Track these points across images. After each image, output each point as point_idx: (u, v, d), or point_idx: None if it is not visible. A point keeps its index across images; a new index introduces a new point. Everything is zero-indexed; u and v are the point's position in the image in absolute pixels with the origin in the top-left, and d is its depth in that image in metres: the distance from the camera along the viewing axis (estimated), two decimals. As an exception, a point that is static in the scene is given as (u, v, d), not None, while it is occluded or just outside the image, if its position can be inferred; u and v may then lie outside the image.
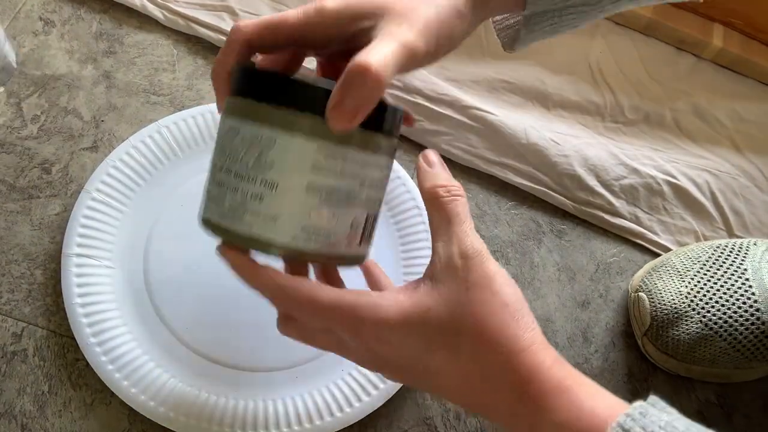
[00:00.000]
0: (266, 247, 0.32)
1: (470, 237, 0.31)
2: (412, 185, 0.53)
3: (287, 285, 0.32)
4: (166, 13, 0.58)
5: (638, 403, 0.29)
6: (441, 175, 0.33)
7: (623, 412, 0.28)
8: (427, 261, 0.50)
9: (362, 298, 0.31)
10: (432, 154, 0.34)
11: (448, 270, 0.31)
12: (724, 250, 0.52)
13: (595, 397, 0.29)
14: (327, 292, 0.31)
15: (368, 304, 0.31)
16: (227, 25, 0.58)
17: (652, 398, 0.30)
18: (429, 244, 0.51)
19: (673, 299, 0.50)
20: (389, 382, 0.46)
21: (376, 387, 0.46)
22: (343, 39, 0.33)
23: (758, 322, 0.48)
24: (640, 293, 0.51)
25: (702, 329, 0.48)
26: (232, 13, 0.58)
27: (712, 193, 0.58)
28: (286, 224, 0.31)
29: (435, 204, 0.32)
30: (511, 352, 0.30)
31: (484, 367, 0.30)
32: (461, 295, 0.30)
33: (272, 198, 0.31)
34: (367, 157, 0.32)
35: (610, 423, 0.27)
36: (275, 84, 0.31)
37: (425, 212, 0.51)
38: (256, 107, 0.31)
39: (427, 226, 0.52)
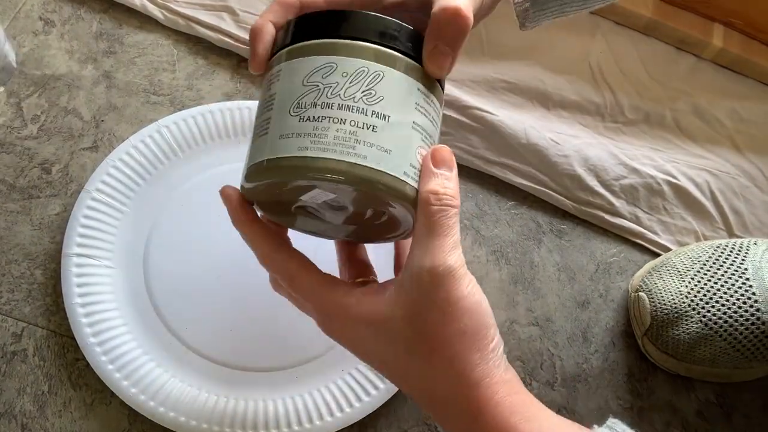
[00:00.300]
0: (377, 181, 0.30)
1: (446, 253, 0.30)
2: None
3: (275, 257, 0.33)
4: (166, 13, 0.58)
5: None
6: (438, 180, 0.31)
7: None
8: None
9: (335, 292, 0.32)
10: (442, 152, 0.32)
11: (415, 283, 0.30)
12: (724, 249, 0.52)
13: None
14: (306, 276, 0.32)
15: (338, 301, 0.32)
16: (227, 25, 0.58)
17: (611, 421, 0.29)
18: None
19: (673, 299, 0.50)
20: (389, 382, 0.46)
21: (376, 387, 0.46)
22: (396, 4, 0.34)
23: (758, 322, 0.48)
24: (640, 293, 0.51)
25: (702, 329, 0.48)
26: (232, 13, 0.58)
27: (712, 193, 0.58)
28: (398, 158, 0.30)
29: (423, 210, 0.31)
30: (459, 383, 0.30)
31: (434, 388, 0.31)
32: (421, 314, 0.30)
33: (386, 130, 0.30)
34: (439, 108, 0.33)
35: None
36: (378, 24, 0.31)
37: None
38: (357, 45, 0.31)
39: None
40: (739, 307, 0.48)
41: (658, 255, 0.56)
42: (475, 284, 0.31)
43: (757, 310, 0.48)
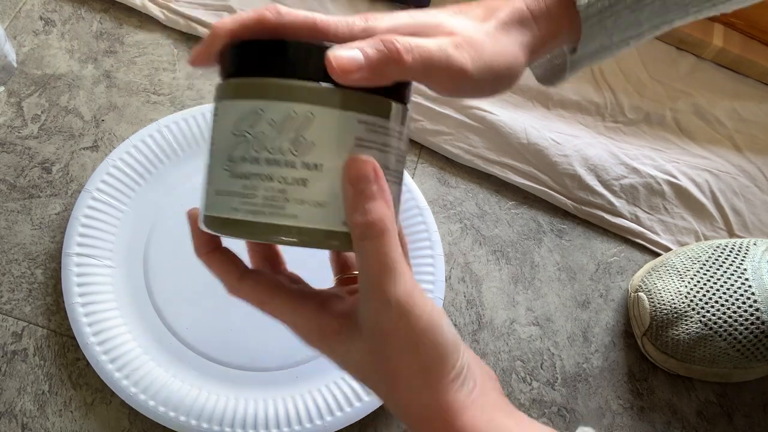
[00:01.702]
0: (317, 239, 0.28)
1: (390, 290, 0.28)
2: (412, 184, 0.53)
3: (239, 287, 0.32)
4: (166, 13, 0.58)
5: None
6: (359, 206, 0.28)
7: None
8: (429, 262, 0.50)
9: (301, 319, 0.31)
10: (357, 166, 0.28)
11: (368, 321, 0.29)
12: (724, 250, 0.52)
13: None
14: (277, 304, 0.31)
15: (305, 328, 0.31)
16: (227, 24, 0.58)
17: (582, 430, 0.29)
18: (430, 243, 0.51)
19: (673, 299, 0.50)
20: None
21: (376, 387, 0.46)
22: None
23: (758, 322, 0.48)
24: (639, 293, 0.51)
25: (701, 329, 0.49)
26: (232, 12, 0.58)
27: (713, 193, 0.58)
28: (334, 209, 0.28)
29: (358, 246, 0.28)
30: (429, 409, 0.29)
31: (406, 412, 0.30)
32: (380, 349, 0.29)
33: (319, 181, 0.28)
34: (396, 126, 0.30)
35: None
36: (306, 56, 0.28)
37: (425, 211, 0.52)
38: (283, 84, 0.28)
39: (427, 226, 0.52)
40: (739, 307, 0.48)
41: (659, 255, 0.56)
42: (432, 310, 0.29)
43: (757, 309, 0.48)
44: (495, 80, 0.31)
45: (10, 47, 0.54)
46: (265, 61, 0.28)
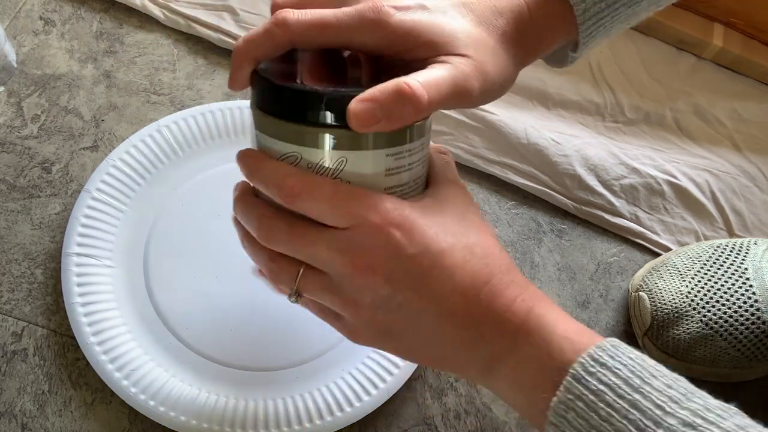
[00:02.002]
0: None
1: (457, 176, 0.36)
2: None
3: (293, 171, 0.31)
4: (166, 13, 0.58)
5: (604, 342, 0.31)
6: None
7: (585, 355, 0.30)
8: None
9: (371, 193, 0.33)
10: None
11: (445, 184, 0.35)
12: (725, 249, 0.52)
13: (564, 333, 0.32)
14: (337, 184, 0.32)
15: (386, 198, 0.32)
16: (227, 24, 0.58)
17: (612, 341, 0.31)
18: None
19: (674, 299, 0.50)
20: (389, 381, 0.46)
21: (376, 386, 0.46)
22: (394, 53, 0.32)
23: (759, 322, 0.48)
24: (640, 293, 0.51)
25: (702, 329, 0.49)
26: (233, 12, 0.58)
27: (713, 193, 0.58)
28: None
29: (440, 157, 0.36)
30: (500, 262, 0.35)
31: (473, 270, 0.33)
32: (468, 208, 0.35)
33: None
34: (420, 141, 0.33)
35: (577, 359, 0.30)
36: (336, 105, 0.30)
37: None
38: (314, 134, 0.31)
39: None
40: (740, 307, 0.48)
41: (659, 255, 0.56)
42: None
43: (758, 309, 0.48)
44: (488, 95, 0.34)
45: (10, 47, 0.54)
46: (295, 108, 0.31)
